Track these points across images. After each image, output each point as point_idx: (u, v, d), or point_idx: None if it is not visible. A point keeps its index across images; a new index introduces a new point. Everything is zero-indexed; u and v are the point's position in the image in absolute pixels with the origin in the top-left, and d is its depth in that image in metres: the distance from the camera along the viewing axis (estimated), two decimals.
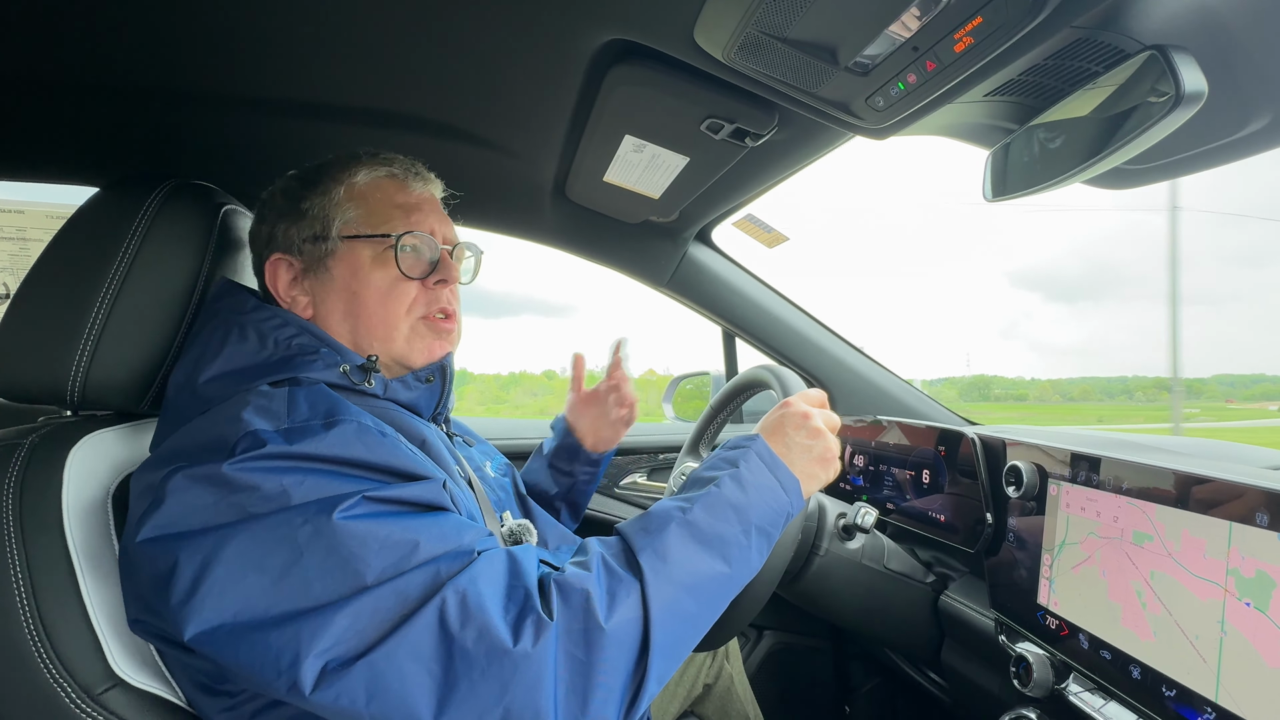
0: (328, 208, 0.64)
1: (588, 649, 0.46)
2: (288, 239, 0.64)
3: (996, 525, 0.83)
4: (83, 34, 0.67)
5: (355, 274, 0.63)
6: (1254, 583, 0.52)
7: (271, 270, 0.64)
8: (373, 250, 0.63)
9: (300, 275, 0.64)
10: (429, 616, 0.44)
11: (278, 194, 0.67)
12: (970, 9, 0.46)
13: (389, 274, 0.63)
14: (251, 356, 0.57)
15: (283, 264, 0.64)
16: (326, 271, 0.63)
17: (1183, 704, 0.56)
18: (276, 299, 0.64)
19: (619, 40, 0.65)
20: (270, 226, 0.65)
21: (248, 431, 0.48)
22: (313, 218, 0.64)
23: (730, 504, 0.56)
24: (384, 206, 0.65)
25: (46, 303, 0.58)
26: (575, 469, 0.96)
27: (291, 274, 0.64)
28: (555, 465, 0.96)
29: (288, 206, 0.65)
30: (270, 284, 0.64)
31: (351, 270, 0.63)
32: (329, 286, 0.63)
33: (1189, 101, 0.46)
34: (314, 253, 0.63)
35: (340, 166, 0.66)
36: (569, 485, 0.97)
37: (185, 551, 0.45)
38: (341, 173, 0.65)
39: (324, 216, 0.64)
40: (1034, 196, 0.66)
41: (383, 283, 0.63)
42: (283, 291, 0.64)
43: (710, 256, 1.26)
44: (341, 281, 0.63)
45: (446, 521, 0.50)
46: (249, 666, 0.43)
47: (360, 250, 0.63)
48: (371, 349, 0.63)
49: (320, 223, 0.64)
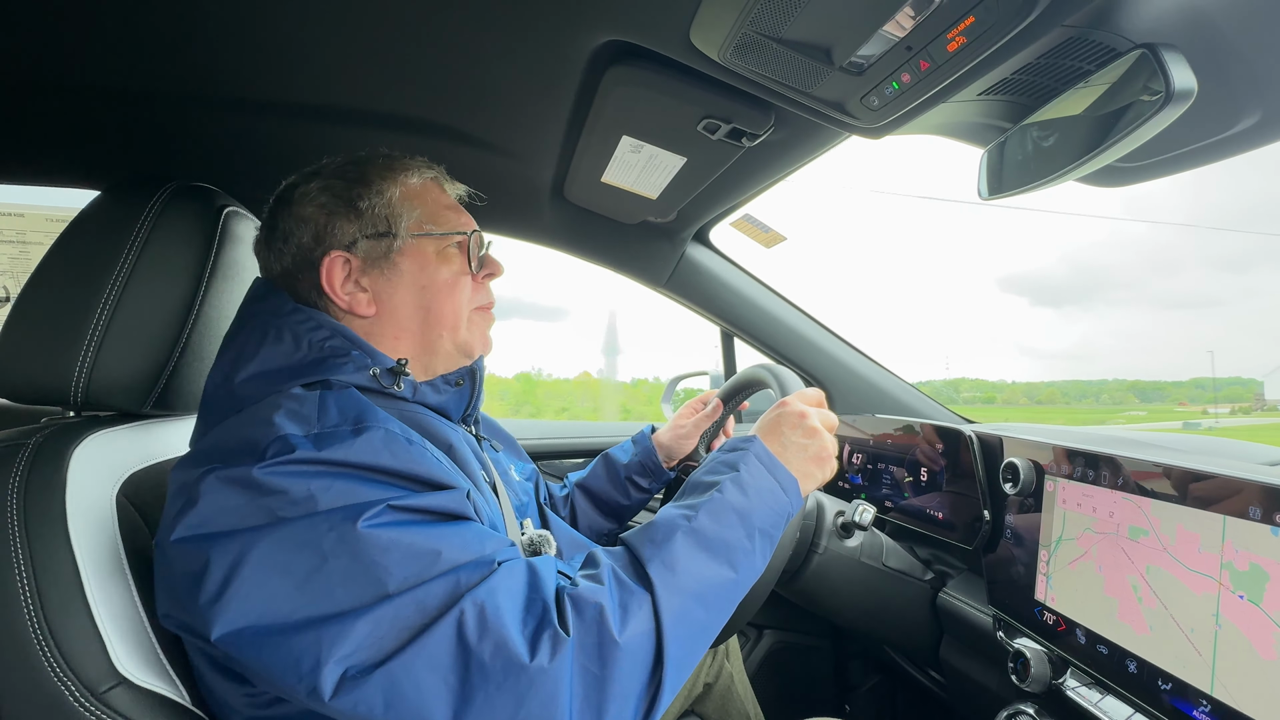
0: (391, 206, 0.65)
1: (602, 663, 0.46)
2: (345, 235, 0.63)
3: (994, 522, 0.84)
4: (84, 37, 0.67)
5: (424, 268, 0.65)
6: (1248, 576, 0.52)
7: (329, 267, 0.62)
8: (436, 246, 0.66)
9: (356, 272, 0.63)
10: (447, 628, 0.44)
11: (320, 192, 0.64)
12: (963, 9, 0.46)
13: (452, 268, 0.67)
14: (286, 358, 0.58)
15: (339, 261, 0.62)
16: (393, 267, 0.64)
17: (1178, 697, 0.56)
18: (332, 295, 0.62)
19: (615, 41, 0.65)
20: (322, 224, 0.63)
21: (278, 436, 0.49)
22: (375, 216, 0.64)
23: (733, 508, 0.57)
24: (439, 207, 0.68)
25: (50, 304, 0.58)
26: (653, 486, 0.99)
27: (346, 271, 0.63)
28: (634, 480, 0.98)
29: (338, 205, 0.64)
30: (326, 282, 0.62)
31: (420, 265, 0.65)
32: (397, 281, 0.64)
33: (1179, 99, 0.47)
34: (376, 249, 0.63)
35: (387, 167, 0.66)
36: (643, 501, 0.99)
37: (216, 552, 0.45)
38: (390, 173, 0.66)
39: (387, 215, 0.64)
40: (1026, 195, 0.67)
41: (449, 276, 0.66)
42: (338, 288, 0.62)
43: (708, 256, 1.27)
44: (411, 276, 0.64)
45: (469, 531, 0.50)
46: (271, 669, 0.44)
47: (426, 246, 0.66)
48: (441, 339, 0.66)
49: (384, 221, 0.64)
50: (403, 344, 0.65)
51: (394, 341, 0.65)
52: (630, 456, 0.99)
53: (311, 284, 0.63)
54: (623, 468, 0.98)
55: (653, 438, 1.00)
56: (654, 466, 0.98)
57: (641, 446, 0.99)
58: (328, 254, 0.62)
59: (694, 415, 1.02)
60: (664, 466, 0.99)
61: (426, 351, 0.66)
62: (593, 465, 1.02)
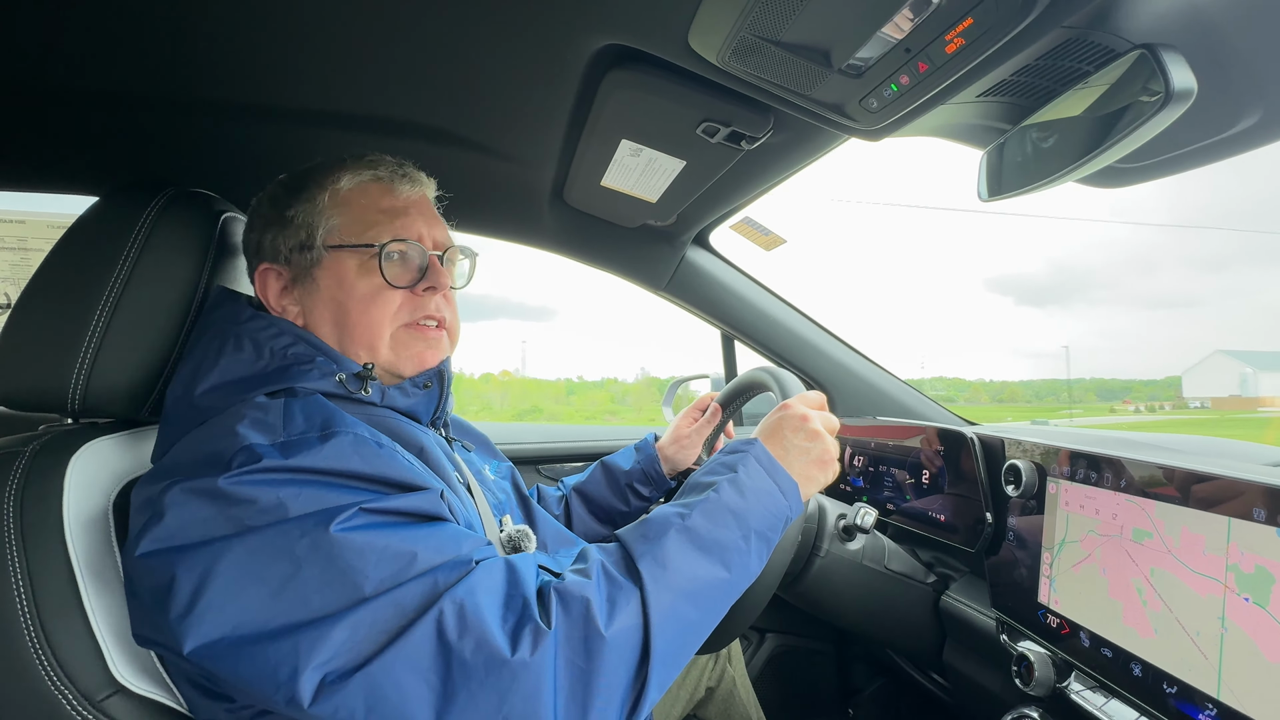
0: (312, 215, 0.63)
1: (588, 657, 0.46)
2: (274, 248, 0.64)
3: (996, 524, 0.83)
4: (82, 43, 0.67)
5: (340, 284, 0.62)
6: (1253, 578, 0.52)
7: (261, 280, 0.64)
8: (358, 259, 0.63)
9: (290, 285, 0.64)
10: (427, 627, 0.44)
11: (265, 201, 0.66)
12: (961, 10, 0.46)
13: (373, 282, 0.62)
14: (248, 367, 0.57)
15: (271, 274, 0.64)
16: (313, 281, 0.63)
17: (1184, 701, 0.56)
18: (268, 308, 0.63)
19: (615, 45, 0.65)
20: (259, 235, 0.65)
21: (244, 446, 0.48)
22: (298, 226, 0.63)
23: (729, 509, 0.56)
24: (369, 212, 0.64)
25: (47, 311, 0.58)
26: (653, 495, 0.99)
27: (281, 283, 0.64)
28: (635, 488, 0.97)
29: (274, 214, 0.64)
30: (260, 294, 0.64)
31: (337, 280, 0.62)
32: (316, 296, 0.63)
33: (1178, 99, 0.46)
34: (301, 262, 0.63)
35: (325, 171, 0.65)
36: (642, 508, 0.98)
37: (183, 565, 0.45)
38: (326, 178, 0.65)
39: (309, 225, 0.63)
40: (1023, 197, 0.66)
41: (367, 291, 0.62)
42: (273, 301, 0.63)
43: (708, 260, 1.27)
44: (328, 292, 0.62)
45: (444, 532, 0.50)
46: (248, 680, 0.43)
47: (345, 259, 0.63)
48: (359, 358, 0.63)
49: (305, 231, 0.63)
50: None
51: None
52: (632, 464, 0.98)
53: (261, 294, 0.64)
54: (624, 474, 0.98)
55: (656, 446, 1.00)
56: (656, 475, 0.98)
57: (645, 454, 0.99)
58: (258, 266, 0.64)
59: (694, 422, 1.01)
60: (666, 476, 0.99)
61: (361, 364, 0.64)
62: (590, 470, 1.01)
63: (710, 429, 1.02)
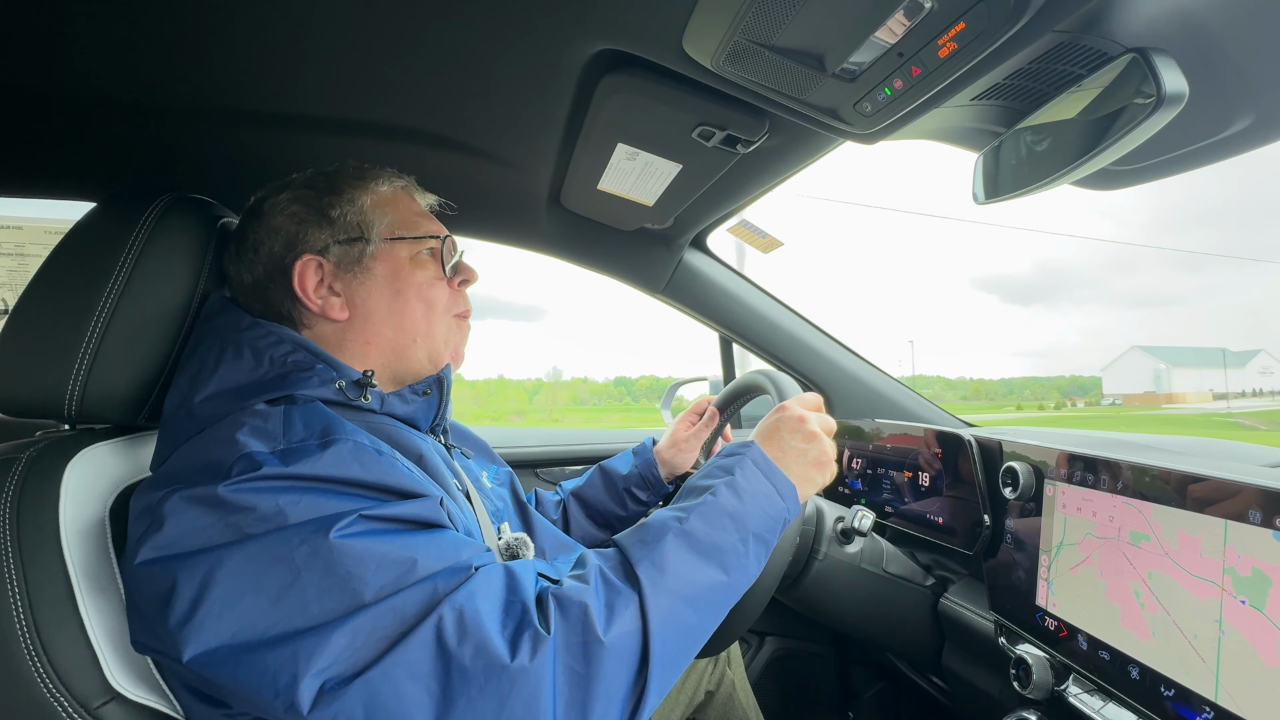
0: (363, 213, 0.65)
1: (587, 662, 0.46)
2: (317, 241, 0.64)
3: (994, 527, 0.83)
4: (79, 49, 0.67)
5: (398, 273, 0.65)
6: (1250, 581, 0.52)
7: (301, 271, 0.62)
8: (409, 251, 0.67)
9: (329, 277, 0.63)
10: (426, 634, 0.44)
11: (288, 201, 0.65)
12: (953, 15, 0.46)
13: (428, 274, 0.67)
14: (247, 374, 0.57)
15: (312, 264, 0.63)
16: (367, 271, 0.64)
17: (1181, 704, 0.56)
18: (304, 299, 0.62)
19: (610, 50, 0.66)
20: (295, 229, 0.64)
21: (243, 454, 0.48)
22: (346, 223, 0.65)
23: (727, 512, 0.56)
24: (409, 214, 0.69)
25: (44, 317, 0.58)
26: (650, 499, 0.99)
27: (319, 275, 0.63)
28: (633, 492, 0.98)
29: (309, 214, 0.64)
30: (299, 286, 0.62)
31: (394, 269, 0.65)
32: (370, 286, 0.64)
33: (1170, 102, 0.46)
34: (349, 254, 0.64)
35: (357, 176, 0.68)
36: (640, 513, 0.98)
37: (184, 573, 0.45)
38: (361, 182, 0.67)
39: (359, 221, 0.65)
40: (1020, 199, 0.67)
41: (424, 281, 0.67)
42: (311, 292, 0.62)
43: (705, 262, 1.27)
44: (385, 279, 0.65)
45: (444, 538, 0.50)
46: (247, 687, 0.43)
47: (399, 251, 0.66)
48: (414, 344, 0.66)
49: (356, 227, 0.65)
50: (373, 350, 0.64)
51: (364, 348, 0.64)
52: (630, 468, 0.98)
53: (284, 291, 0.63)
54: (621, 479, 0.98)
55: (654, 450, 1.00)
56: (654, 479, 0.98)
57: (642, 458, 0.99)
58: (300, 258, 0.63)
59: (691, 426, 1.02)
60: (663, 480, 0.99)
61: (397, 359, 0.66)
62: (588, 475, 1.01)
63: (708, 433, 1.02)
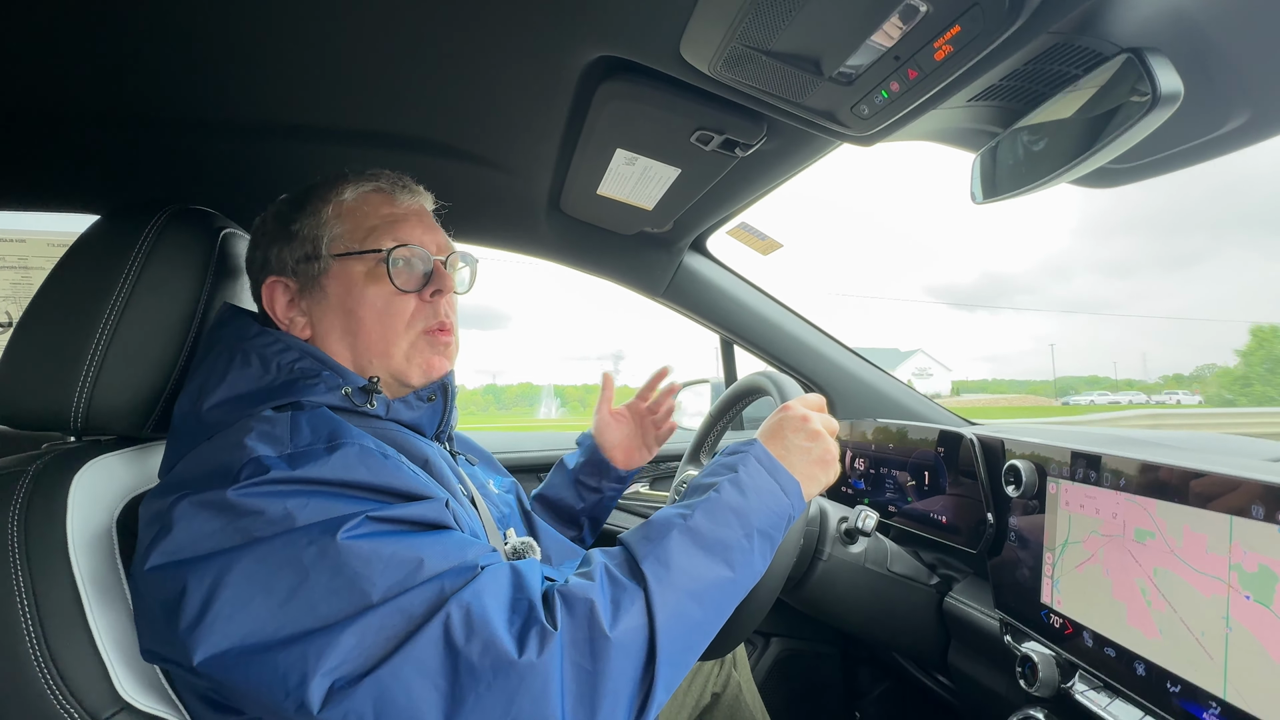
0: (317, 227, 0.64)
1: (594, 658, 0.46)
2: (280, 261, 0.65)
3: (998, 525, 0.83)
4: (81, 63, 0.68)
5: (349, 291, 0.63)
6: (1257, 577, 0.52)
7: (269, 293, 0.64)
8: (365, 266, 0.64)
9: (296, 296, 0.65)
10: (434, 631, 0.44)
11: (269, 219, 0.67)
12: (948, 18, 0.46)
13: (383, 289, 0.63)
14: (254, 381, 0.58)
15: (279, 286, 0.65)
16: (321, 290, 0.64)
17: (1188, 700, 0.56)
18: (275, 321, 0.64)
19: (608, 56, 0.66)
20: (264, 251, 0.66)
21: (251, 458, 0.49)
22: (303, 238, 0.64)
23: (731, 508, 0.57)
24: (370, 220, 0.65)
25: (49, 330, 0.59)
26: (604, 485, 0.97)
27: (288, 296, 0.65)
28: (582, 481, 0.97)
29: (278, 230, 0.66)
30: (268, 307, 0.64)
31: (345, 288, 0.63)
32: (324, 305, 0.64)
33: (1166, 102, 0.47)
34: (307, 273, 0.64)
35: (328, 186, 0.67)
36: (596, 501, 0.98)
37: (193, 577, 0.45)
38: (329, 192, 0.66)
39: (313, 236, 0.64)
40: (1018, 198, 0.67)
41: (378, 298, 0.63)
42: (281, 313, 0.64)
43: (705, 265, 1.27)
44: (336, 299, 0.63)
45: (450, 539, 0.50)
46: (257, 689, 0.43)
47: (352, 267, 0.64)
48: (371, 366, 0.63)
49: (310, 243, 0.64)
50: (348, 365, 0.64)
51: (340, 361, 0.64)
52: (578, 458, 0.98)
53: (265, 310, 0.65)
54: (572, 471, 0.98)
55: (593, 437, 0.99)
56: (599, 461, 0.96)
57: (584, 445, 0.99)
58: (266, 280, 0.64)
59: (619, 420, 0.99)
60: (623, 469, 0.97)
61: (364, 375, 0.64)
62: (549, 475, 1.01)
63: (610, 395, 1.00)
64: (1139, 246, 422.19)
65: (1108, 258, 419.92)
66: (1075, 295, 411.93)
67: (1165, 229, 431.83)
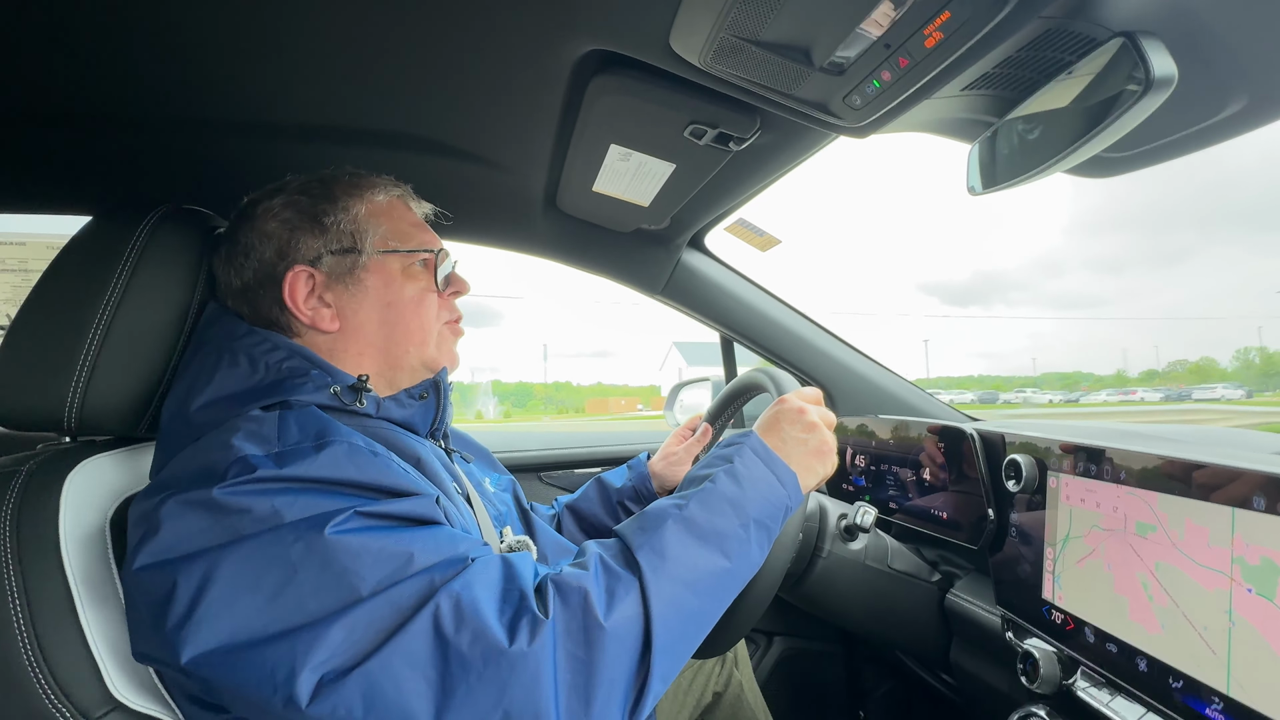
0: (357, 222, 0.65)
1: (588, 647, 0.46)
2: (309, 251, 0.63)
3: (999, 521, 0.83)
4: (73, 64, 0.68)
5: (389, 285, 0.66)
6: (1259, 570, 0.51)
7: (291, 281, 0.62)
8: (401, 264, 0.67)
9: (321, 288, 0.63)
10: (423, 622, 0.44)
11: (285, 207, 0.65)
12: (938, 4, 0.46)
13: (418, 285, 0.67)
14: (242, 381, 0.57)
15: (303, 275, 0.63)
16: (358, 283, 0.64)
17: (1190, 695, 0.55)
18: (294, 310, 0.62)
19: (598, 50, 0.66)
20: (286, 236, 0.63)
21: (238, 457, 0.48)
22: (339, 231, 0.64)
23: (726, 498, 0.56)
24: (404, 225, 0.69)
25: (42, 331, 0.59)
26: None
27: (309, 286, 0.63)
28: (625, 505, 0.97)
29: (303, 220, 0.64)
30: (289, 296, 0.62)
31: (385, 281, 0.66)
32: (362, 298, 0.64)
33: (1159, 87, 0.46)
34: (341, 265, 0.64)
35: (353, 184, 0.67)
36: None
37: (181, 576, 0.45)
38: (357, 190, 0.67)
39: (352, 231, 0.65)
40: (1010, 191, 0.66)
41: (414, 293, 0.67)
42: (300, 303, 0.62)
43: (704, 262, 1.27)
44: (376, 292, 0.65)
45: (440, 534, 0.50)
46: (245, 687, 0.43)
47: (391, 263, 0.66)
48: (407, 355, 0.66)
49: (349, 237, 0.65)
50: (366, 359, 0.65)
51: (357, 358, 0.64)
52: (624, 481, 0.98)
53: (273, 300, 0.63)
54: (615, 491, 0.98)
55: (648, 464, 0.99)
56: (647, 492, 0.97)
57: (636, 472, 0.99)
58: (291, 269, 0.62)
59: (683, 441, 1.01)
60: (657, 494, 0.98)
61: (391, 367, 0.66)
62: (584, 488, 1.01)
63: (700, 448, 1.01)
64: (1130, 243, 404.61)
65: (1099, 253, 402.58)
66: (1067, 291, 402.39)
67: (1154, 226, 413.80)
